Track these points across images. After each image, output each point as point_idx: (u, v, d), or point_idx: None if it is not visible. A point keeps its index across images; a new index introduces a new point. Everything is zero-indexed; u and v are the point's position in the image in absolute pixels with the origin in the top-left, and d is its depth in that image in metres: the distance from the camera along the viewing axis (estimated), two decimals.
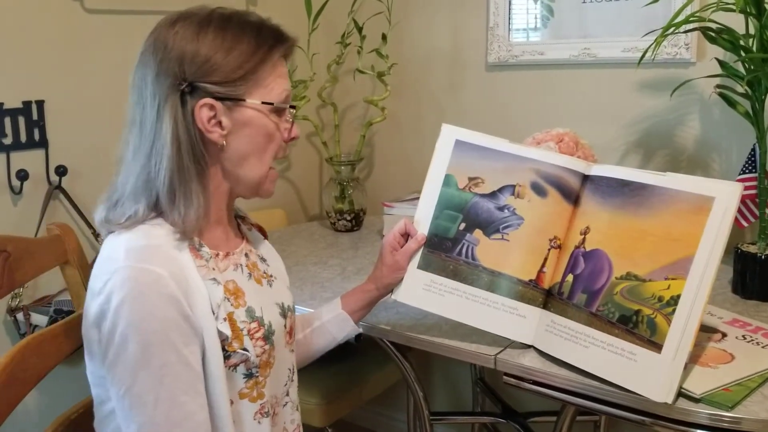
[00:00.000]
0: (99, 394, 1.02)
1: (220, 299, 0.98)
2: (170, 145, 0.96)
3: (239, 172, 1.03)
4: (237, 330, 1.00)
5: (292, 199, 2.50)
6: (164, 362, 0.91)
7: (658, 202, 1.10)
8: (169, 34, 0.98)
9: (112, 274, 0.92)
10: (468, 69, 2.19)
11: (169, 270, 0.92)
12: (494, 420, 1.97)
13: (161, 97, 0.97)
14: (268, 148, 1.04)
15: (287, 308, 1.15)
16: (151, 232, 0.96)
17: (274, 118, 1.03)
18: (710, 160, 1.83)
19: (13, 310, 1.69)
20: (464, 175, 1.27)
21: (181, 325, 0.92)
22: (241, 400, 1.02)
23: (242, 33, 0.99)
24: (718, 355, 1.17)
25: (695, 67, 1.80)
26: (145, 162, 0.98)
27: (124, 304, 0.90)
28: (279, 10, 2.26)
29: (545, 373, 1.17)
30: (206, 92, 0.97)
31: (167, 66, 0.96)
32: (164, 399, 0.92)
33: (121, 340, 0.90)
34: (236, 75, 0.98)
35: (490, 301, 1.22)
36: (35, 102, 1.74)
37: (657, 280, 1.07)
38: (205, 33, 0.97)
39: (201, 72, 0.96)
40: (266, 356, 1.04)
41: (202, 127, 0.98)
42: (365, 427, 2.52)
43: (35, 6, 1.72)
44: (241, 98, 0.99)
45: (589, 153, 1.59)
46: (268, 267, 1.17)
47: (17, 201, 1.73)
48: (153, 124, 0.97)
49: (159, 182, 0.96)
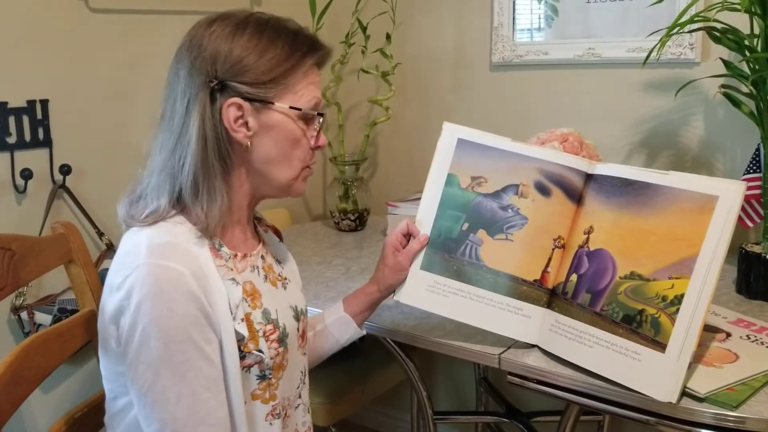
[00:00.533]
0: (112, 389, 1.02)
1: (238, 299, 0.99)
2: (196, 140, 0.96)
3: (266, 173, 1.04)
4: (253, 331, 1.00)
5: (296, 198, 2.49)
6: (186, 359, 0.92)
7: (661, 201, 1.10)
8: (206, 33, 0.99)
9: (133, 270, 0.92)
10: (472, 69, 2.19)
11: (190, 268, 0.93)
12: (498, 420, 1.96)
13: (192, 93, 0.97)
14: (293, 153, 1.04)
15: (300, 311, 1.15)
16: (173, 230, 0.97)
17: (301, 125, 1.03)
18: (714, 160, 1.83)
19: (17, 309, 1.69)
20: (467, 174, 1.26)
21: (202, 322, 0.93)
22: (254, 401, 1.02)
23: (277, 37, 0.99)
24: (723, 354, 1.17)
25: (700, 67, 1.80)
26: (169, 156, 0.98)
27: (145, 301, 0.90)
28: (283, 9, 2.24)
29: (549, 372, 1.17)
30: (236, 92, 0.98)
31: (200, 63, 0.97)
32: (186, 395, 0.92)
33: (142, 337, 0.91)
34: (267, 77, 0.98)
35: (495, 301, 1.22)
36: (39, 101, 1.74)
37: (661, 279, 1.07)
38: (241, 34, 0.98)
39: (233, 71, 0.97)
40: (280, 358, 1.05)
41: (228, 126, 0.98)
42: (369, 427, 2.52)
43: (40, 5, 1.72)
44: (269, 101, 0.99)
45: (593, 153, 1.59)
46: (283, 269, 1.17)
47: (21, 200, 1.73)
48: (181, 118, 0.98)
49: (183, 177, 0.97)
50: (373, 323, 1.39)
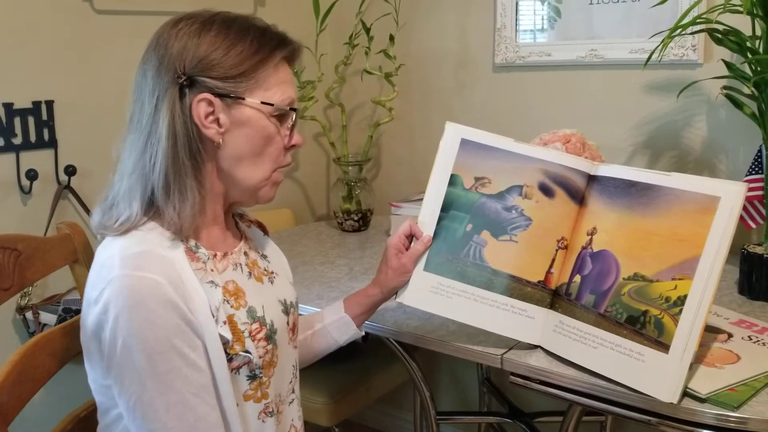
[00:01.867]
0: (102, 402, 1.00)
1: (218, 302, 0.97)
2: (166, 138, 0.95)
3: (235, 173, 1.01)
4: (238, 332, 0.99)
5: (299, 199, 2.50)
6: (170, 368, 0.90)
7: (664, 202, 1.10)
8: (172, 32, 0.98)
9: (107, 283, 0.90)
10: (475, 70, 2.19)
11: (167, 275, 0.91)
12: (500, 420, 1.97)
13: (160, 91, 0.96)
14: (266, 151, 1.02)
15: (290, 305, 1.14)
16: (145, 237, 0.95)
17: (274, 121, 1.01)
18: (717, 161, 1.83)
19: (22, 309, 1.70)
20: (470, 174, 1.25)
21: (184, 329, 0.91)
22: (246, 402, 1.01)
23: (245, 33, 0.98)
24: (724, 355, 1.17)
25: (702, 68, 1.80)
26: (139, 156, 0.97)
27: (122, 314, 0.88)
28: (287, 11, 2.28)
29: (552, 372, 1.17)
30: (205, 87, 0.96)
31: (168, 61, 0.96)
32: (175, 403, 0.91)
33: (124, 351, 0.89)
34: (236, 71, 0.97)
35: (499, 302, 1.22)
36: (45, 102, 1.75)
37: (664, 280, 1.07)
38: (207, 31, 0.97)
39: (201, 66, 0.96)
40: (269, 356, 1.04)
41: (199, 123, 0.96)
42: (372, 427, 2.52)
43: (45, 6, 1.73)
44: (240, 96, 0.98)
45: (596, 154, 1.59)
46: (269, 263, 1.15)
47: (27, 200, 1.74)
48: (150, 117, 0.96)
49: (154, 177, 0.95)
50: (376, 323, 1.39)
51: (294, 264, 1.81)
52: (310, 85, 2.12)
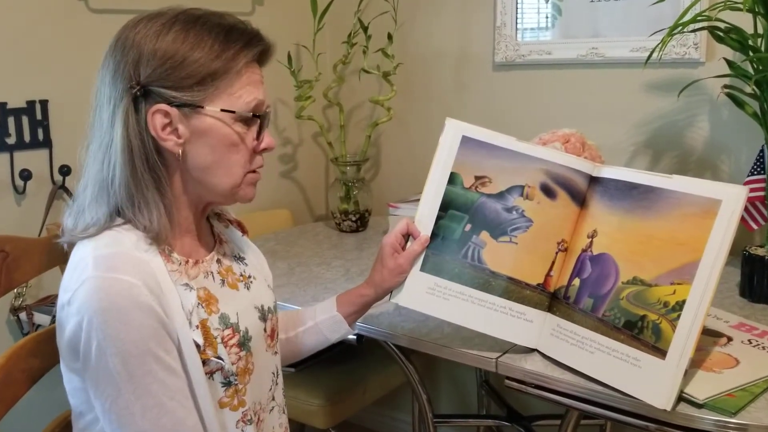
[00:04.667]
0: (77, 405, 0.98)
1: (192, 305, 0.95)
2: (122, 152, 0.91)
3: (205, 181, 0.97)
4: (210, 337, 0.96)
5: (297, 199, 2.49)
6: (146, 371, 0.88)
7: (665, 205, 1.08)
8: (130, 34, 0.93)
9: (80, 284, 0.87)
10: (475, 69, 2.17)
11: (140, 277, 0.88)
12: (499, 423, 1.95)
13: (115, 101, 0.92)
14: (232, 159, 0.97)
15: (267, 310, 1.10)
16: (119, 238, 0.92)
17: (238, 128, 0.96)
18: (719, 161, 1.81)
19: (16, 310, 1.69)
20: (470, 173, 1.22)
21: (159, 332, 0.89)
22: (222, 409, 0.98)
23: (207, 34, 0.92)
24: (723, 359, 1.15)
25: (704, 67, 1.78)
26: (99, 167, 0.93)
27: (95, 317, 0.86)
28: (284, 9, 2.26)
29: (547, 377, 1.15)
30: (161, 97, 0.91)
31: (123, 68, 0.91)
32: (151, 407, 0.89)
33: (99, 353, 0.87)
34: (194, 80, 0.92)
35: (497, 305, 1.20)
36: (39, 102, 1.74)
37: (663, 284, 1.06)
38: (166, 33, 0.91)
39: (156, 75, 0.91)
40: (243, 363, 1.01)
41: (155, 135, 0.92)
42: (370, 428, 2.51)
43: (40, 6, 1.72)
44: (198, 105, 0.93)
45: (596, 154, 1.57)
46: (246, 267, 1.11)
47: (21, 201, 1.73)
48: (107, 129, 0.92)
49: (115, 188, 0.92)
50: (370, 325, 1.37)
51: (290, 265, 1.80)
52: (308, 85, 2.10)
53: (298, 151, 2.45)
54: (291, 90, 2.14)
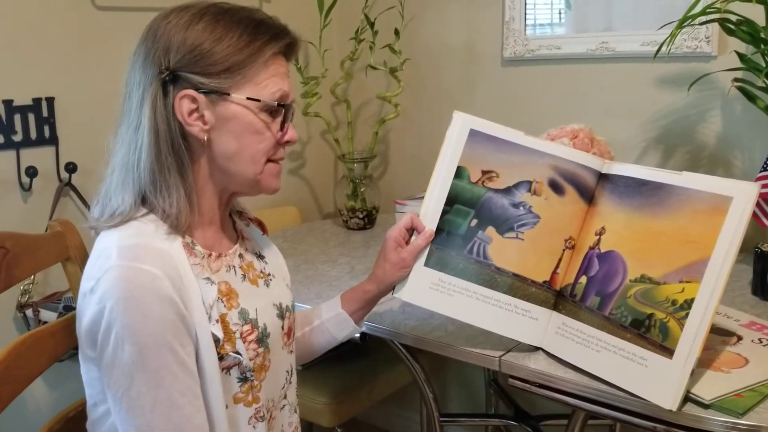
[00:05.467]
0: (92, 395, 0.99)
1: (213, 299, 0.96)
2: (148, 134, 0.94)
3: (228, 168, 1.00)
4: (229, 332, 0.97)
5: (305, 196, 2.48)
6: (161, 364, 0.89)
7: (675, 202, 1.07)
8: (162, 23, 0.96)
9: (103, 273, 0.89)
10: (483, 64, 2.15)
11: (163, 269, 0.90)
12: (506, 422, 1.93)
13: (145, 86, 0.95)
14: (256, 147, 0.99)
15: (285, 308, 1.12)
16: (143, 228, 0.94)
17: (263, 117, 0.99)
18: (732, 157, 1.78)
19: (22, 307, 1.69)
20: (477, 167, 1.21)
21: (178, 325, 0.90)
22: (236, 405, 1.00)
23: (236, 25, 0.95)
24: (732, 359, 1.13)
25: (716, 60, 1.75)
26: (127, 150, 0.96)
27: (117, 305, 0.87)
28: (291, 6, 2.25)
29: (551, 376, 1.14)
30: (189, 83, 0.94)
31: (154, 54, 0.94)
32: (162, 401, 0.89)
33: (116, 342, 0.88)
34: (222, 67, 0.94)
35: (502, 302, 1.18)
36: (45, 99, 1.73)
37: (671, 282, 1.04)
38: (196, 23, 0.94)
39: (185, 61, 0.94)
40: (260, 359, 1.02)
41: (182, 120, 0.95)
42: (378, 426, 2.50)
43: (46, 3, 1.72)
44: (225, 92, 0.95)
45: (605, 150, 1.55)
46: (266, 265, 1.13)
47: (27, 198, 1.73)
48: (136, 112, 0.95)
49: (140, 171, 0.95)
50: (373, 323, 1.36)
51: (296, 262, 1.79)
52: (314, 81, 2.09)
53: (306, 149, 2.44)
54: (298, 87, 2.13)
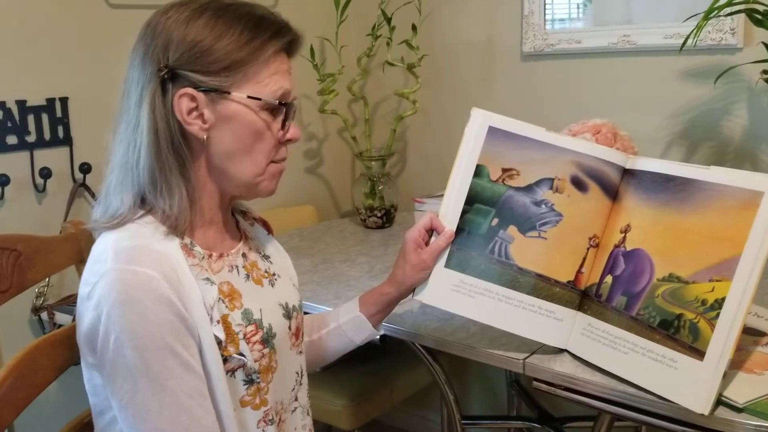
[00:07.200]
0: (97, 404, 0.98)
1: (213, 300, 0.94)
2: (147, 133, 0.91)
3: (227, 169, 0.97)
4: (232, 333, 0.95)
5: (323, 195, 2.46)
6: (164, 367, 0.87)
7: (703, 198, 1.03)
8: (161, 19, 0.94)
9: (100, 277, 0.87)
10: (502, 59, 2.12)
11: (161, 271, 0.88)
12: (528, 425, 1.90)
13: (143, 83, 0.92)
14: (256, 147, 0.97)
15: (292, 308, 1.09)
16: (140, 231, 0.92)
17: (264, 116, 0.96)
18: (759, 151, 1.74)
19: (37, 310, 1.68)
20: (497, 165, 1.18)
21: (178, 327, 0.88)
22: (243, 408, 0.97)
23: (237, 22, 0.93)
24: (764, 360, 1.09)
25: (742, 53, 1.71)
26: (126, 149, 0.94)
27: (114, 309, 0.86)
28: (307, 2, 2.23)
29: (577, 378, 1.11)
30: (188, 81, 0.92)
31: (152, 51, 0.92)
32: (168, 404, 0.87)
33: (116, 347, 0.86)
34: (221, 65, 0.92)
35: (526, 303, 1.15)
36: (59, 99, 1.73)
37: (701, 281, 1.00)
38: (196, 19, 0.92)
39: (184, 59, 0.91)
40: (266, 361, 0.99)
41: (181, 119, 0.93)
42: (398, 427, 2.48)
43: (59, 2, 1.71)
44: (225, 90, 0.93)
45: (628, 145, 1.52)
46: (272, 265, 1.11)
47: (41, 199, 1.72)
48: (135, 110, 0.93)
49: (139, 171, 0.93)
50: (393, 325, 1.33)
51: (314, 262, 1.77)
52: (330, 78, 2.06)
53: (323, 147, 2.42)
54: (314, 84, 2.11)
